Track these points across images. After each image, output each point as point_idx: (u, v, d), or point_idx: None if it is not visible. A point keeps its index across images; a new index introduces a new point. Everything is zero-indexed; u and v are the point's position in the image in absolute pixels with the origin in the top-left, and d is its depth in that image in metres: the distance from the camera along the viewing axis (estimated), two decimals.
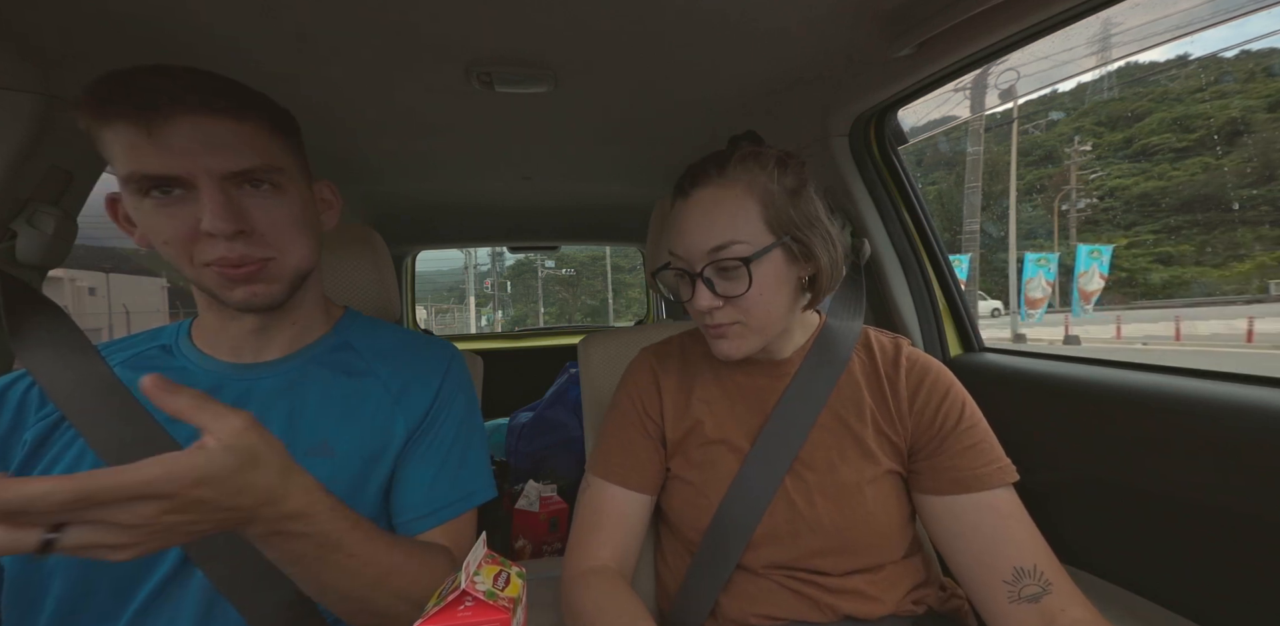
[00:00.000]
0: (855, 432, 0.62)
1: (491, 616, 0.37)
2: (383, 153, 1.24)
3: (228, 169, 0.49)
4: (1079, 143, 24.95)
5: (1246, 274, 21.15)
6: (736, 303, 0.59)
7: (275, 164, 0.52)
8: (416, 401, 0.62)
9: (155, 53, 0.72)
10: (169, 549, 0.50)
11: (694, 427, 0.67)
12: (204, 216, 0.48)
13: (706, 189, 0.59)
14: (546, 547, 1.59)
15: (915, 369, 0.65)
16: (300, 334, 0.61)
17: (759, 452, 0.63)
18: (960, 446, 0.59)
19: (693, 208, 0.60)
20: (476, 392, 0.83)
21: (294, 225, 0.54)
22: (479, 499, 0.62)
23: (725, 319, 0.60)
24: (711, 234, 0.58)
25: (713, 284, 0.59)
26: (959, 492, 0.57)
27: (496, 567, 0.43)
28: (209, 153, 0.48)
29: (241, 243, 0.50)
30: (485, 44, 0.76)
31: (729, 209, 0.58)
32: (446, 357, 0.68)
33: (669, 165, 1.43)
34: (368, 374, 0.62)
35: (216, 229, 0.48)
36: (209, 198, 0.48)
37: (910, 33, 0.70)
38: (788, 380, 0.66)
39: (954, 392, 0.63)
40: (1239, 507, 0.58)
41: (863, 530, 0.60)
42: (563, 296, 34.58)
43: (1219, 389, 0.62)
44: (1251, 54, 29.80)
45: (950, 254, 1.07)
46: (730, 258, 0.57)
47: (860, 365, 0.67)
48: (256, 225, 0.51)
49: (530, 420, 1.99)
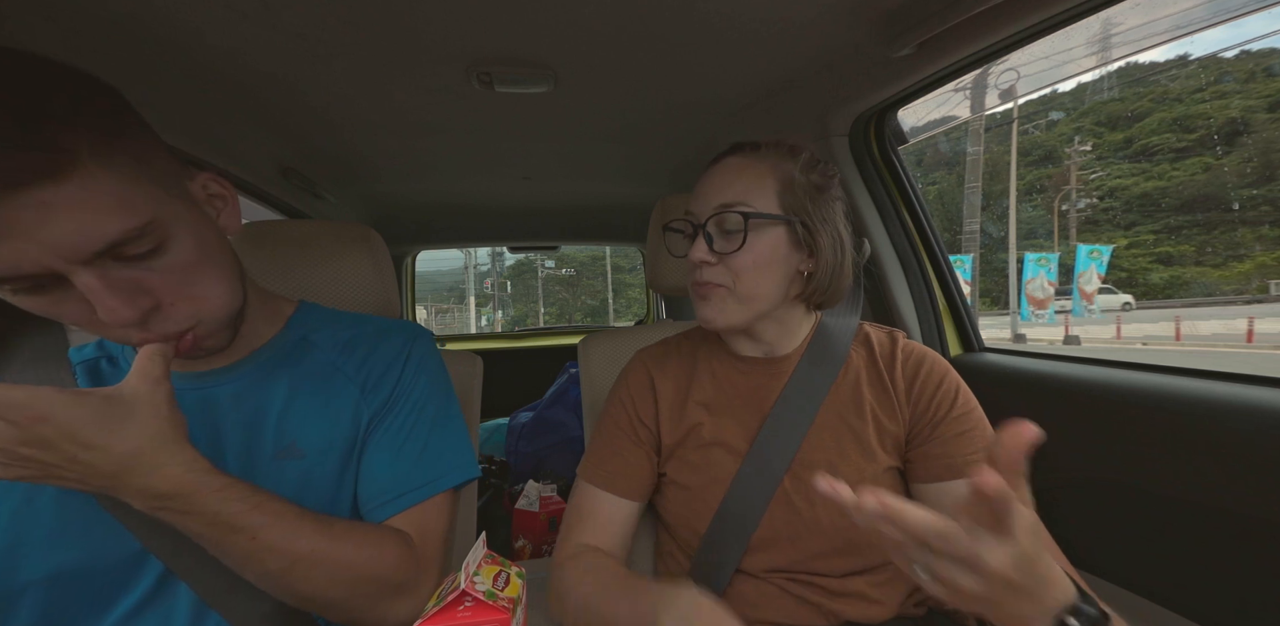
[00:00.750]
0: (855, 430, 0.62)
1: (491, 616, 0.37)
2: (383, 153, 1.24)
3: (86, 250, 0.38)
4: (1079, 143, 24.96)
5: (1246, 274, 21.16)
6: (728, 262, 0.59)
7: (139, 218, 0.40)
8: (381, 389, 0.60)
9: (149, 54, 0.72)
10: (146, 563, 0.49)
11: (691, 431, 0.66)
12: (96, 308, 0.39)
13: (735, 157, 0.62)
14: (546, 547, 1.59)
15: (911, 359, 0.65)
16: (248, 338, 0.57)
17: (757, 454, 0.62)
18: (952, 433, 0.59)
19: (716, 171, 0.62)
20: (472, 383, 0.82)
21: (197, 272, 0.45)
22: (445, 483, 0.58)
23: (713, 278, 0.60)
24: (724, 193, 0.60)
25: (711, 240, 0.60)
26: (949, 478, 0.57)
27: (496, 568, 0.43)
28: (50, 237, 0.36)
29: (155, 321, 0.43)
30: (485, 44, 0.76)
31: (748, 176, 0.60)
32: (408, 340, 0.65)
33: (669, 165, 1.43)
34: (330, 367, 0.59)
35: (116, 320, 0.40)
36: (87, 288, 0.39)
37: (910, 33, 0.70)
38: (785, 379, 0.66)
39: (949, 380, 0.63)
40: (1239, 508, 0.58)
41: (863, 529, 0.59)
42: (563, 296, 34.59)
43: (1219, 389, 0.62)
44: (1251, 54, 29.83)
45: (950, 254, 1.07)
46: (733, 212, 0.58)
47: (859, 361, 0.67)
48: (160, 295, 0.43)
49: (530, 420, 1.99)
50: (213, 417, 0.53)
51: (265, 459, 0.53)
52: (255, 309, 0.57)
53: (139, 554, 0.48)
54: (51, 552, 0.47)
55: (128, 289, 0.41)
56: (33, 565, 0.47)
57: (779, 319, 0.65)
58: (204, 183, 0.50)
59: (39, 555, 0.47)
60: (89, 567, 0.48)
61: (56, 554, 0.47)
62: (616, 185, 1.63)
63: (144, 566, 0.49)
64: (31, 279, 0.38)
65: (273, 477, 0.52)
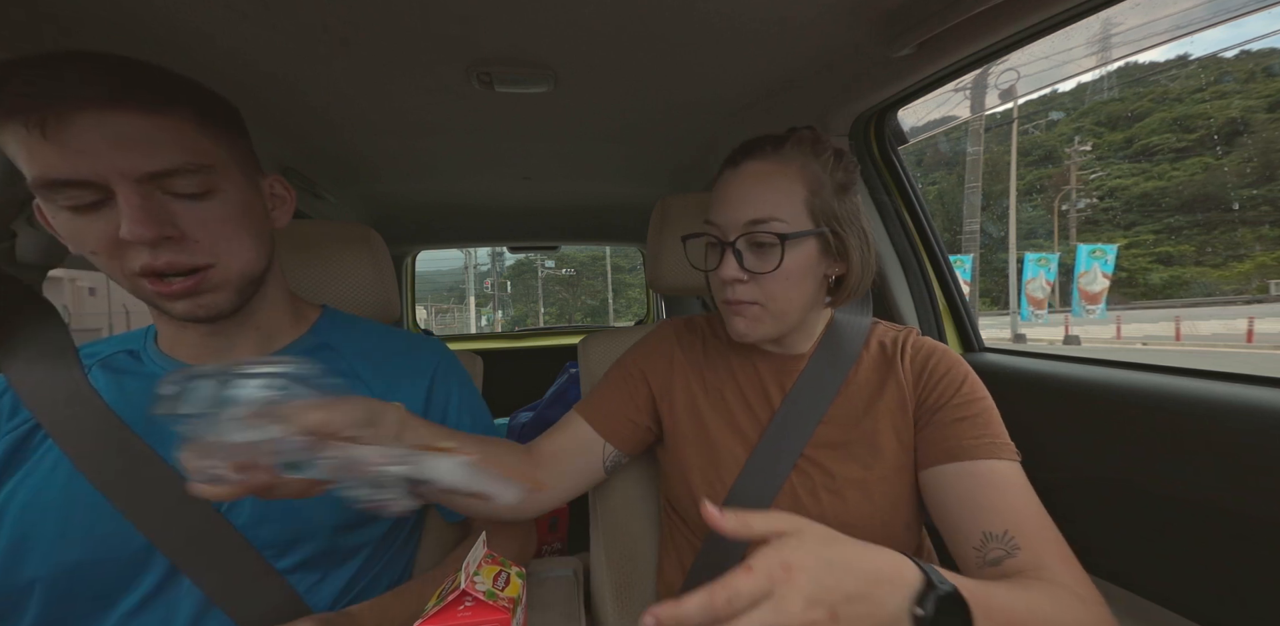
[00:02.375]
0: (864, 428, 0.62)
1: (491, 616, 0.37)
2: (383, 153, 1.24)
3: (143, 170, 0.44)
4: (1079, 143, 24.96)
5: (1246, 274, 21.17)
6: (760, 281, 0.58)
7: (203, 161, 0.47)
8: (405, 402, 0.61)
9: (149, 54, 0.72)
10: (151, 560, 0.49)
11: (700, 417, 0.67)
12: (122, 222, 0.44)
13: (759, 162, 0.59)
14: (546, 548, 1.59)
15: (921, 352, 0.65)
16: (268, 338, 0.59)
17: (765, 447, 0.62)
18: (952, 417, 0.58)
19: (742, 178, 0.59)
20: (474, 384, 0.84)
21: (232, 227, 0.50)
22: None
23: (745, 296, 0.59)
24: (754, 206, 0.57)
25: (741, 257, 0.58)
26: (945, 462, 0.56)
27: (496, 568, 0.43)
28: (118, 152, 0.43)
29: (169, 249, 0.46)
30: (485, 44, 0.76)
31: (777, 185, 0.57)
32: (435, 358, 0.67)
33: (669, 165, 1.43)
34: (348, 374, 0.60)
35: (136, 236, 0.44)
36: (125, 202, 0.44)
37: (910, 33, 0.70)
38: (796, 375, 0.66)
39: (956, 370, 0.62)
40: (1240, 508, 0.57)
41: (866, 527, 0.59)
42: (563, 296, 34.59)
43: (1219, 389, 0.62)
44: (1251, 54, 29.82)
45: (950, 254, 1.08)
46: (767, 232, 0.56)
47: (871, 359, 0.67)
48: (187, 230, 0.47)
49: (530, 420, 1.99)
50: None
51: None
52: (275, 304, 0.59)
53: (144, 550, 0.49)
54: (57, 549, 0.47)
55: (158, 214, 0.45)
56: (39, 561, 0.47)
57: (802, 322, 0.65)
58: (271, 182, 0.58)
59: (45, 551, 0.47)
60: (94, 564, 0.48)
61: (62, 550, 0.47)
62: (616, 185, 1.63)
63: (149, 563, 0.49)
64: (84, 187, 0.44)
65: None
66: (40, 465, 0.50)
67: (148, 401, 0.52)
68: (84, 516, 0.48)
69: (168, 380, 0.37)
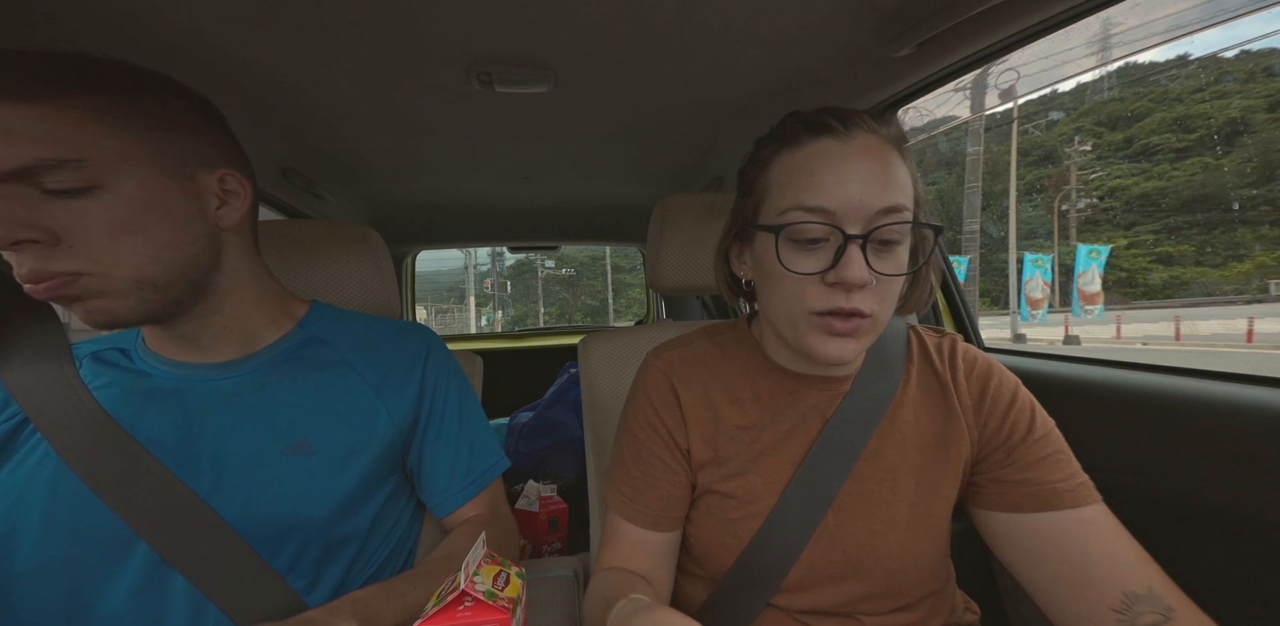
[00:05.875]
0: (911, 459, 0.53)
1: (491, 616, 0.37)
2: (383, 152, 1.24)
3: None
4: (1079, 143, 24.97)
5: (1246, 274, 21.18)
6: (880, 287, 0.46)
7: (76, 156, 0.43)
8: (399, 391, 0.61)
9: (149, 54, 0.72)
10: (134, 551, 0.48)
11: (724, 456, 0.56)
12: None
13: (868, 135, 0.47)
14: (546, 548, 1.59)
15: (976, 370, 0.55)
16: (250, 336, 0.58)
17: (800, 485, 0.53)
18: (1033, 457, 0.50)
19: (857, 153, 0.46)
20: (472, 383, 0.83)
21: (116, 231, 0.45)
22: (497, 470, 0.67)
23: (863, 304, 0.46)
24: (886, 191, 0.45)
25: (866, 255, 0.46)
26: (1034, 510, 0.48)
27: (496, 568, 0.43)
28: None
29: (33, 255, 0.43)
30: (485, 44, 0.76)
31: (897, 168, 0.46)
32: (424, 344, 0.66)
33: (669, 165, 1.43)
34: (342, 365, 0.60)
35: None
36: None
37: (910, 33, 0.70)
38: (839, 400, 0.55)
39: (1021, 397, 0.54)
40: (1240, 508, 0.58)
41: (913, 570, 0.52)
42: (563, 296, 34.59)
43: (1219, 389, 0.62)
44: (1251, 54, 29.84)
45: (950, 254, 1.07)
46: (901, 223, 0.45)
47: (917, 373, 0.57)
48: (61, 232, 0.43)
49: (530, 420, 1.99)
50: (223, 410, 0.54)
51: (273, 455, 0.53)
52: (241, 304, 0.57)
53: (128, 539, 0.48)
54: (43, 542, 0.47)
55: (16, 216, 0.42)
56: (25, 555, 0.47)
57: None
58: (221, 176, 0.52)
59: (32, 545, 0.47)
60: (79, 557, 0.48)
61: (48, 543, 0.47)
62: (617, 185, 1.63)
63: (132, 554, 0.49)
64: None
65: (280, 475, 0.53)
66: (28, 459, 0.50)
67: (137, 397, 0.53)
68: (68, 508, 0.48)
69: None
